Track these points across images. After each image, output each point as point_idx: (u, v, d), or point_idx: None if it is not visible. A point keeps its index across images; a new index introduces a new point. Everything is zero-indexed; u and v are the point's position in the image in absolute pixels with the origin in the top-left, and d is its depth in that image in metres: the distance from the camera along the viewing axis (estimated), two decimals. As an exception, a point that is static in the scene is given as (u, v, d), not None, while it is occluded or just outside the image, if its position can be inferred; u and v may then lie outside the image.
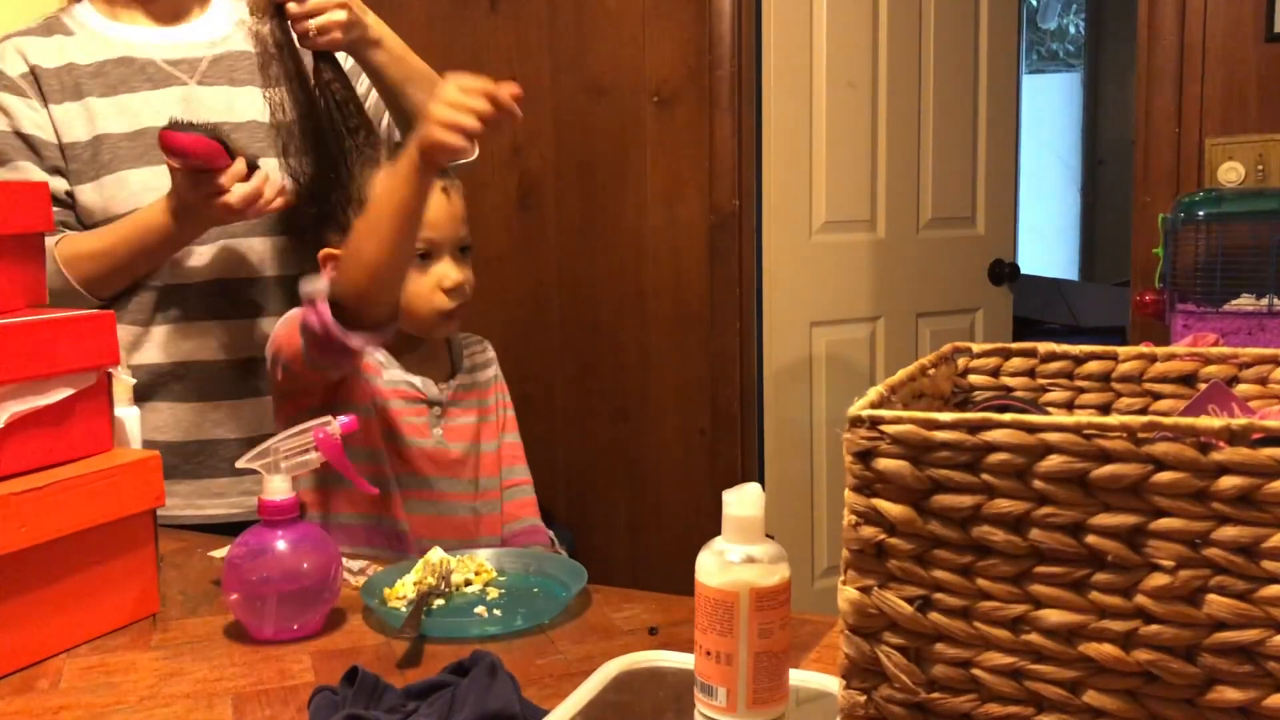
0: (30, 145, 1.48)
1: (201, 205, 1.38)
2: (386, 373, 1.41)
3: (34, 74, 1.49)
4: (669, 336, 2.68)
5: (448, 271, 1.39)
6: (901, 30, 2.79)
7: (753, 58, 2.60)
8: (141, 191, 1.48)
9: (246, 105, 1.56)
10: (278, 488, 1.08)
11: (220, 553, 1.27)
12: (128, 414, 1.23)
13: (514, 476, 1.55)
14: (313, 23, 1.40)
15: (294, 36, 1.44)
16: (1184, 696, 0.61)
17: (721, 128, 2.57)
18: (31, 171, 1.48)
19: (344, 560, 1.26)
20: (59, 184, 1.49)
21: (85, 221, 1.51)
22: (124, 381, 1.25)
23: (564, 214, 2.76)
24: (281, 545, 1.07)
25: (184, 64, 1.55)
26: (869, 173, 2.80)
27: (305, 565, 1.07)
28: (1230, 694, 0.60)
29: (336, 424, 1.14)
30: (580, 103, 2.71)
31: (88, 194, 1.49)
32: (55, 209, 1.44)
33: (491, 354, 1.59)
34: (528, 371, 2.76)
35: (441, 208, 1.38)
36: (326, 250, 1.40)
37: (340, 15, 1.41)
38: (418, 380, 1.43)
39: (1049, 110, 5.84)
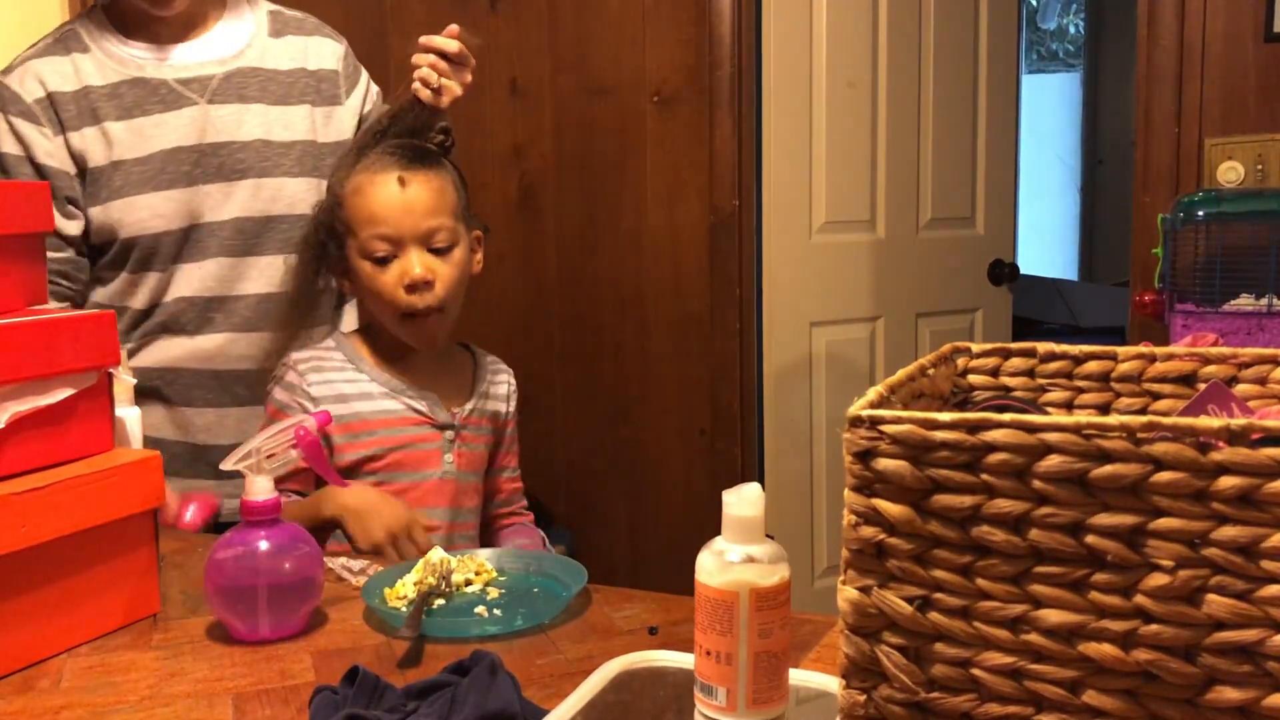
0: (42, 175, 1.49)
1: None
2: (385, 401, 1.37)
3: (50, 100, 1.49)
4: (669, 336, 2.68)
5: (409, 266, 1.33)
6: (901, 30, 2.79)
7: (753, 58, 2.60)
8: (149, 217, 1.50)
9: (254, 124, 1.56)
10: (261, 487, 1.08)
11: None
12: (128, 414, 1.23)
13: (512, 504, 1.55)
14: (442, 80, 1.41)
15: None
16: (1184, 696, 0.61)
17: (721, 128, 2.57)
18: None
19: (344, 560, 1.26)
20: (65, 224, 1.49)
21: (93, 240, 1.52)
22: (124, 381, 1.25)
23: (564, 214, 2.76)
24: (264, 545, 1.07)
25: (195, 83, 1.55)
26: (869, 173, 2.80)
27: (288, 565, 1.07)
28: (1230, 694, 0.60)
29: (313, 420, 1.15)
30: (580, 103, 2.71)
31: (98, 215, 1.51)
32: (52, 251, 1.42)
33: (513, 386, 1.54)
34: (528, 371, 2.76)
35: (394, 200, 1.32)
36: None
37: (457, 90, 1.43)
38: (423, 404, 1.38)
39: (1049, 110, 5.84)
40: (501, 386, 1.51)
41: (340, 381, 1.38)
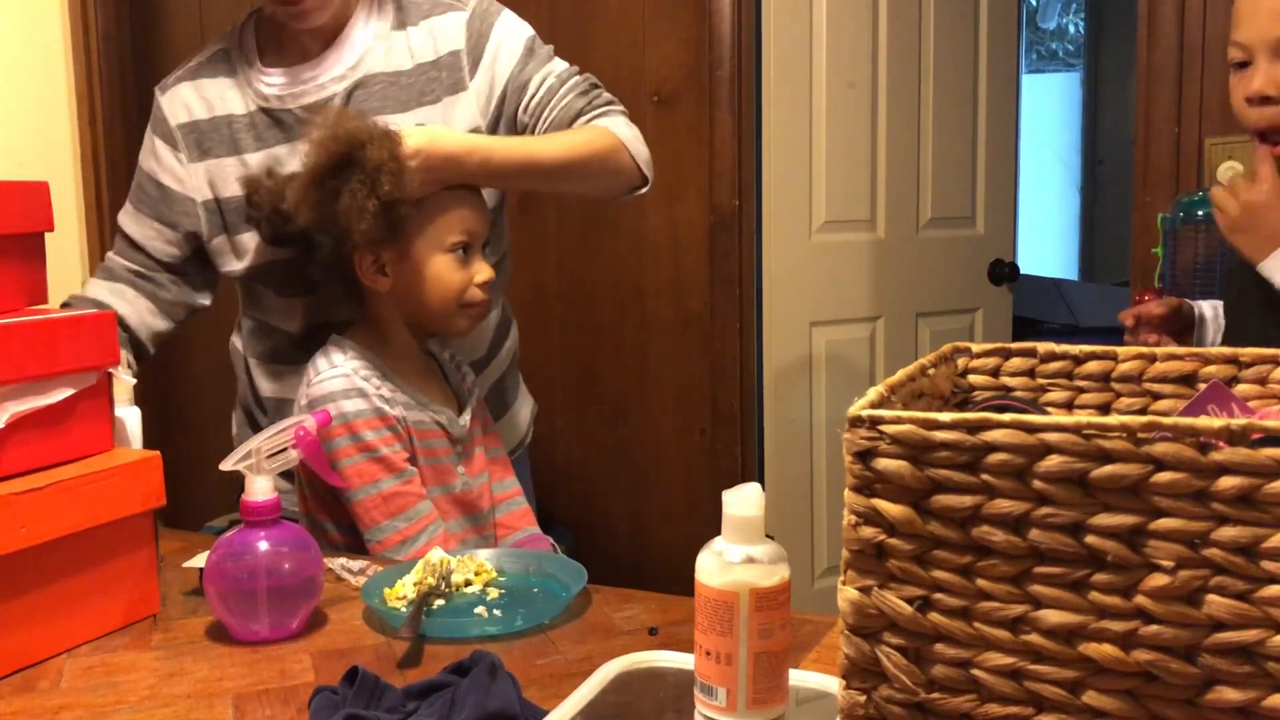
0: (164, 197, 1.51)
1: None
2: (412, 412, 1.35)
3: (194, 126, 1.50)
4: (669, 337, 2.68)
5: (482, 267, 1.40)
6: (901, 30, 2.79)
7: (753, 58, 2.60)
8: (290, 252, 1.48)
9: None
10: (260, 488, 1.08)
11: (193, 562, 1.26)
12: (128, 414, 1.23)
13: (504, 489, 1.51)
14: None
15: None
16: (1184, 697, 0.61)
17: (721, 128, 2.57)
18: (147, 225, 1.52)
19: (344, 560, 1.26)
20: (159, 245, 1.52)
21: (229, 268, 1.52)
22: (124, 381, 1.25)
23: (564, 214, 2.76)
24: (264, 545, 1.07)
25: (319, 108, 1.46)
26: (869, 173, 2.80)
27: (288, 565, 1.07)
28: (1230, 694, 0.60)
29: (313, 420, 1.15)
30: (580, 103, 2.70)
31: (244, 241, 1.50)
32: (131, 252, 1.52)
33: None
34: (528, 372, 2.77)
35: (478, 206, 1.41)
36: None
37: None
38: (444, 416, 1.38)
39: (1049, 110, 5.85)
40: (469, 378, 1.52)
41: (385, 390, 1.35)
